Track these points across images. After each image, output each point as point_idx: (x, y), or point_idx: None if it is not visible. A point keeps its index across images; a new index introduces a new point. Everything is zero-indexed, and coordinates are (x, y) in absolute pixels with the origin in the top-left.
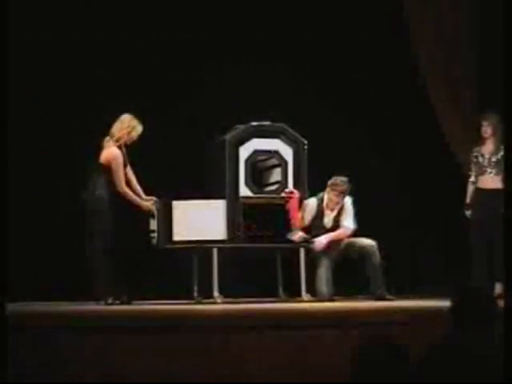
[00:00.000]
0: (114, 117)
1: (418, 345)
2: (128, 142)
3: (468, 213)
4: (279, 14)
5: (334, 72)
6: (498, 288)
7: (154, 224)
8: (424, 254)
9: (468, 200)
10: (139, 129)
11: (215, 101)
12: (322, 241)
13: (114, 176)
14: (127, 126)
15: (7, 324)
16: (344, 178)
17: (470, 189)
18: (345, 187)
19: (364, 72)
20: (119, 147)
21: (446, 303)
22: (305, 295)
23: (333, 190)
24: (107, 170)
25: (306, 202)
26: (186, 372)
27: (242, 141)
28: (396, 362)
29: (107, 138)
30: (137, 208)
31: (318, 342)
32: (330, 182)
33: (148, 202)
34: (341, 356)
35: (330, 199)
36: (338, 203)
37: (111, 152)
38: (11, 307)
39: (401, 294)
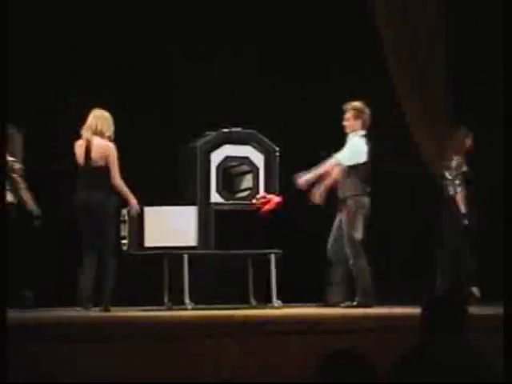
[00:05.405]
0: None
1: (386, 353)
2: None
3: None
4: (253, 16)
5: (308, 77)
6: (476, 291)
7: (124, 230)
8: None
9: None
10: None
11: (186, 107)
12: (303, 176)
13: (113, 168)
14: (112, 123)
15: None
16: None
17: (460, 197)
18: None
19: (339, 75)
20: None
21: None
22: (275, 302)
23: None
24: (103, 165)
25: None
26: (152, 377)
27: (214, 147)
28: (361, 371)
29: (89, 135)
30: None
31: (285, 348)
32: None
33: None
34: (307, 362)
35: None
36: None
37: (110, 145)
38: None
39: None
